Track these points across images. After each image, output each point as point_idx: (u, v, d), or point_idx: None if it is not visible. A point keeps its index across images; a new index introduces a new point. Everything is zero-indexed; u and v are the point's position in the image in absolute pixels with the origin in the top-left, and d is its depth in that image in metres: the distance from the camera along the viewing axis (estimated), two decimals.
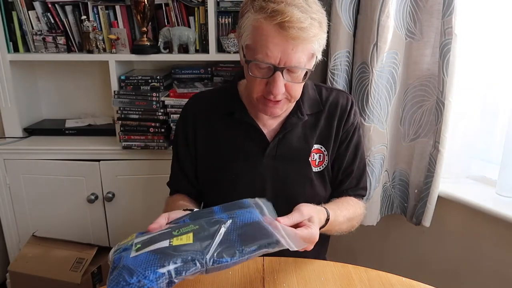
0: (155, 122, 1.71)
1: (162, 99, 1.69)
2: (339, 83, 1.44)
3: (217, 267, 0.63)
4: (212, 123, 1.04)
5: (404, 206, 1.49)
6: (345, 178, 1.07)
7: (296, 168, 1.02)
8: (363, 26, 1.36)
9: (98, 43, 1.70)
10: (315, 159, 1.03)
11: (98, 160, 1.74)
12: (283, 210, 0.78)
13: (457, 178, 1.45)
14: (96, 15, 1.73)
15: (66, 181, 1.76)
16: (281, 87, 0.87)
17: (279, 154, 1.01)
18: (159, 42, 1.71)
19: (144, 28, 1.69)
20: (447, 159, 1.31)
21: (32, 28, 1.73)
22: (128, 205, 1.79)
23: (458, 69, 1.23)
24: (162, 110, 1.70)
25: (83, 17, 1.71)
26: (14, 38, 1.74)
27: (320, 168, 1.04)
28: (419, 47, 1.33)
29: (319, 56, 0.92)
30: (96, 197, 1.77)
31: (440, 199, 1.36)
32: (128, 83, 1.72)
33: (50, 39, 1.73)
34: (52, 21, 1.74)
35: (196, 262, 0.61)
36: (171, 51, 1.72)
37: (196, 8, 1.72)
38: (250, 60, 0.87)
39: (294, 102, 0.98)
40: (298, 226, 0.75)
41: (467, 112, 1.39)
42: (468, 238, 1.35)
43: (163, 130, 1.70)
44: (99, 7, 1.72)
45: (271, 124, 1.02)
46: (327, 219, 0.87)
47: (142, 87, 1.73)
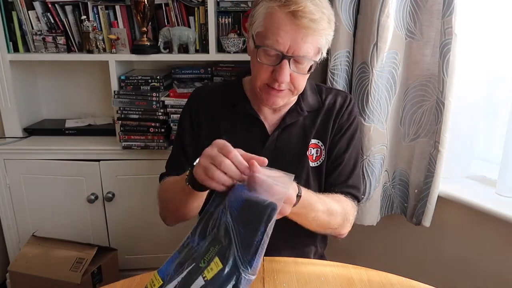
0: (155, 122, 1.71)
1: (162, 99, 1.69)
2: (339, 83, 1.44)
3: (255, 268, 0.64)
4: (214, 114, 1.06)
5: (404, 206, 1.48)
6: (334, 169, 1.06)
7: (294, 162, 1.03)
8: (363, 26, 1.36)
9: (98, 43, 1.70)
10: (312, 154, 1.05)
11: (98, 160, 1.74)
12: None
13: (457, 178, 1.45)
14: (96, 15, 1.73)
15: (66, 181, 1.76)
16: (286, 75, 0.90)
17: (278, 147, 1.03)
18: (159, 42, 1.71)
19: (144, 28, 1.69)
20: (447, 159, 1.31)
21: (32, 28, 1.73)
22: (128, 205, 1.79)
23: (458, 69, 1.24)
24: (162, 110, 1.70)
25: (83, 17, 1.71)
26: (14, 38, 1.73)
27: (317, 163, 1.05)
28: (419, 47, 1.33)
29: (324, 53, 0.96)
30: (96, 197, 1.77)
31: (440, 199, 1.36)
32: (128, 83, 1.72)
33: (50, 39, 1.73)
34: (52, 21, 1.73)
35: (241, 281, 0.62)
36: (171, 51, 1.72)
37: (196, 8, 1.72)
38: (259, 45, 0.90)
39: (296, 96, 1.01)
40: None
41: (467, 112, 1.39)
42: (468, 238, 1.35)
43: (163, 130, 1.70)
44: (99, 7, 1.72)
45: (272, 118, 1.05)
46: (299, 196, 0.82)
47: (142, 87, 1.73)
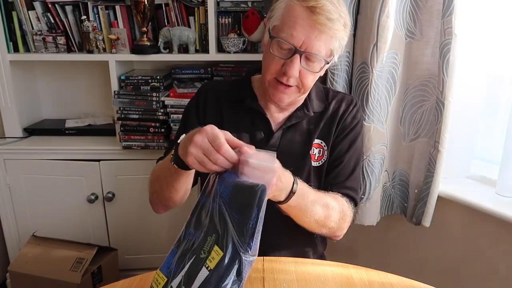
0: (155, 122, 1.71)
1: (162, 99, 1.69)
2: (339, 83, 1.43)
3: (255, 249, 0.65)
4: (220, 108, 1.06)
5: (404, 206, 1.48)
6: (333, 169, 1.06)
7: (297, 161, 1.03)
8: (363, 26, 1.36)
9: (98, 43, 1.70)
10: (315, 154, 1.05)
11: (98, 160, 1.74)
12: None
13: (457, 178, 1.45)
14: (96, 15, 1.73)
15: (66, 181, 1.76)
16: (296, 70, 0.91)
17: (282, 145, 1.03)
18: (159, 42, 1.71)
19: (144, 28, 1.69)
20: (447, 159, 1.31)
21: (32, 28, 1.73)
22: (128, 205, 1.79)
23: (458, 69, 1.24)
24: (162, 110, 1.70)
25: (83, 17, 1.71)
26: (14, 38, 1.74)
27: (319, 163, 1.06)
28: (419, 47, 1.33)
29: (336, 58, 0.97)
30: (96, 197, 1.77)
31: (440, 199, 1.36)
32: (128, 83, 1.72)
33: (50, 39, 1.73)
34: (52, 21, 1.74)
35: (243, 264, 0.64)
36: (171, 51, 1.72)
37: (196, 8, 1.72)
38: (274, 36, 0.91)
39: (303, 95, 1.01)
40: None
41: (467, 112, 1.39)
42: (468, 238, 1.35)
43: (163, 130, 1.70)
44: (99, 7, 1.72)
45: (278, 117, 1.06)
46: (293, 189, 0.84)
47: (142, 87, 1.73)
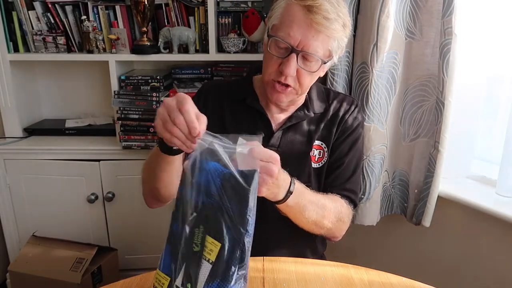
0: None
1: (162, 99, 1.69)
2: (339, 83, 1.43)
3: (252, 227, 0.65)
4: (221, 107, 1.06)
5: (404, 206, 1.48)
6: (333, 171, 1.06)
7: (297, 162, 1.03)
8: (363, 26, 1.36)
9: (98, 43, 1.70)
10: (315, 155, 1.05)
11: (98, 160, 1.74)
12: None
13: (457, 178, 1.45)
14: (96, 15, 1.73)
15: (66, 181, 1.76)
16: (292, 69, 0.91)
17: (282, 145, 1.03)
18: (159, 42, 1.71)
19: (144, 28, 1.69)
20: (447, 159, 1.31)
21: (32, 28, 1.73)
22: (128, 205, 1.79)
23: (458, 69, 1.24)
24: None
25: (83, 17, 1.71)
26: (14, 38, 1.74)
27: (319, 164, 1.06)
28: (419, 47, 1.33)
29: (336, 59, 0.97)
30: (96, 197, 1.77)
31: (440, 199, 1.35)
32: (128, 83, 1.72)
33: (50, 39, 1.73)
34: (52, 21, 1.74)
35: (246, 249, 0.64)
36: (171, 51, 1.72)
37: (196, 8, 1.73)
38: (272, 35, 0.92)
39: (301, 96, 1.01)
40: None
41: (467, 112, 1.39)
42: (468, 238, 1.35)
43: None
44: (99, 7, 1.72)
45: (278, 117, 1.06)
46: (290, 189, 0.84)
47: (142, 87, 1.73)
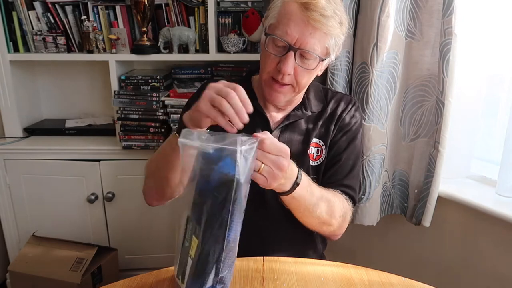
0: (155, 122, 1.71)
1: (162, 99, 1.69)
2: (339, 83, 1.43)
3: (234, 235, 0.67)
4: None
5: (404, 206, 1.48)
6: (331, 167, 1.06)
7: (295, 160, 1.01)
8: (363, 26, 1.36)
9: (98, 43, 1.70)
10: (313, 153, 1.05)
11: (98, 160, 1.74)
12: (277, 199, 0.85)
13: (457, 178, 1.45)
14: (96, 15, 1.73)
15: (66, 181, 1.76)
16: (290, 67, 0.91)
17: None
18: (159, 42, 1.71)
19: (144, 28, 1.69)
20: (447, 159, 1.31)
21: (32, 28, 1.73)
22: (128, 205, 1.79)
23: (458, 69, 1.24)
24: (162, 110, 1.70)
25: (83, 17, 1.71)
26: (14, 38, 1.74)
27: (317, 162, 1.06)
28: (419, 47, 1.33)
29: (333, 57, 0.97)
30: (96, 197, 1.77)
31: (440, 199, 1.36)
32: (128, 83, 1.72)
33: (50, 39, 1.73)
34: (52, 21, 1.74)
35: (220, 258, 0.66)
36: (171, 51, 1.72)
37: (196, 8, 1.72)
38: (269, 34, 0.92)
39: (298, 94, 1.02)
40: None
41: (467, 112, 1.39)
42: (468, 238, 1.35)
43: (163, 130, 1.70)
44: (99, 7, 1.72)
45: (276, 116, 1.06)
46: (297, 180, 0.84)
47: (142, 87, 1.73)
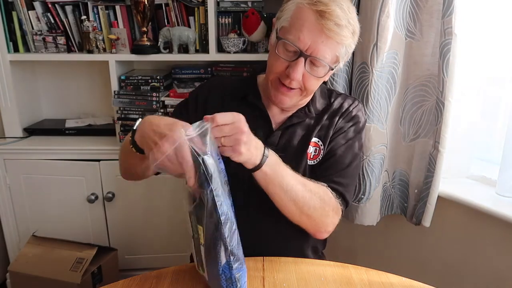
0: None
1: (162, 99, 1.69)
2: (339, 83, 1.43)
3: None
4: (222, 103, 1.06)
5: (404, 206, 1.48)
6: (325, 161, 1.04)
7: (293, 159, 1.02)
8: (363, 26, 1.36)
9: (98, 43, 1.70)
10: (311, 152, 1.04)
11: (98, 160, 1.74)
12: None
13: (457, 178, 1.45)
14: (96, 15, 1.73)
15: (66, 181, 1.76)
16: (299, 73, 0.90)
17: (280, 144, 1.02)
18: (159, 42, 1.71)
19: (144, 28, 1.70)
20: (447, 159, 1.31)
21: (32, 28, 1.73)
22: (128, 205, 1.79)
23: (458, 69, 1.24)
24: (162, 110, 1.70)
25: (83, 17, 1.71)
26: (14, 38, 1.74)
27: (314, 161, 1.05)
28: (419, 47, 1.33)
29: (341, 64, 0.96)
30: (96, 197, 1.77)
31: (440, 199, 1.35)
32: (128, 83, 1.73)
33: (50, 39, 1.73)
34: (52, 21, 1.74)
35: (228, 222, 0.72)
36: (171, 51, 1.72)
37: (196, 8, 1.73)
38: (281, 38, 0.91)
39: (305, 98, 1.01)
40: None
41: (467, 112, 1.39)
42: (468, 238, 1.35)
43: None
44: (99, 7, 1.72)
45: (279, 116, 1.05)
46: (265, 152, 0.83)
47: (142, 87, 1.73)
